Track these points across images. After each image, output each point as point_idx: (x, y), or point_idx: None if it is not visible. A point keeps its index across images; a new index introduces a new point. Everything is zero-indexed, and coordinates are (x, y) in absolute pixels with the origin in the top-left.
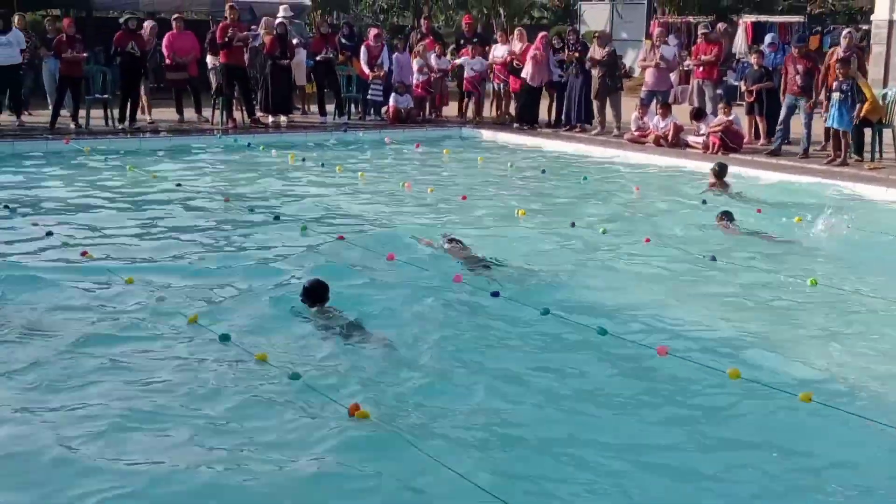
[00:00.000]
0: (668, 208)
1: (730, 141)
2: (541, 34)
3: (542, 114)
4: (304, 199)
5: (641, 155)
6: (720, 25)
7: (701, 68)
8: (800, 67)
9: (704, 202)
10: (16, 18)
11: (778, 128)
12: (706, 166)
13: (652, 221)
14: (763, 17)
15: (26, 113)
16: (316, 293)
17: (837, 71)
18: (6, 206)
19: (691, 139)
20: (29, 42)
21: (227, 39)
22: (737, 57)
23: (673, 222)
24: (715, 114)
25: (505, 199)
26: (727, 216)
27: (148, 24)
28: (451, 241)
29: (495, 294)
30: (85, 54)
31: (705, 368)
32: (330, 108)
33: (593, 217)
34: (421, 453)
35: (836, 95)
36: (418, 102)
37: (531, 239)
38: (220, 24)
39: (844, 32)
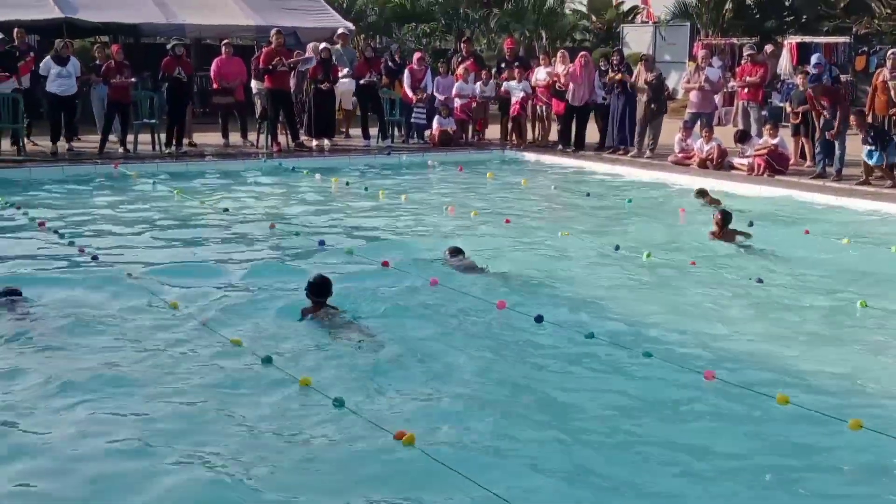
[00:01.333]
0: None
1: (775, 163)
2: (581, 54)
3: (590, 136)
4: (349, 223)
5: (685, 177)
6: (767, 47)
7: (746, 90)
8: (825, 102)
9: (751, 223)
10: (68, 46)
11: (817, 151)
12: (752, 189)
13: (697, 245)
14: (808, 38)
15: (76, 139)
16: (320, 288)
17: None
18: (56, 232)
19: (736, 161)
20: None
21: (271, 65)
22: (782, 78)
23: (719, 245)
24: (760, 136)
25: (549, 222)
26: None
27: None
28: (452, 252)
29: (539, 318)
30: (133, 80)
31: (753, 394)
32: (373, 131)
33: (637, 241)
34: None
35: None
36: (460, 125)
37: (575, 262)
38: (265, 50)
39: (889, 53)
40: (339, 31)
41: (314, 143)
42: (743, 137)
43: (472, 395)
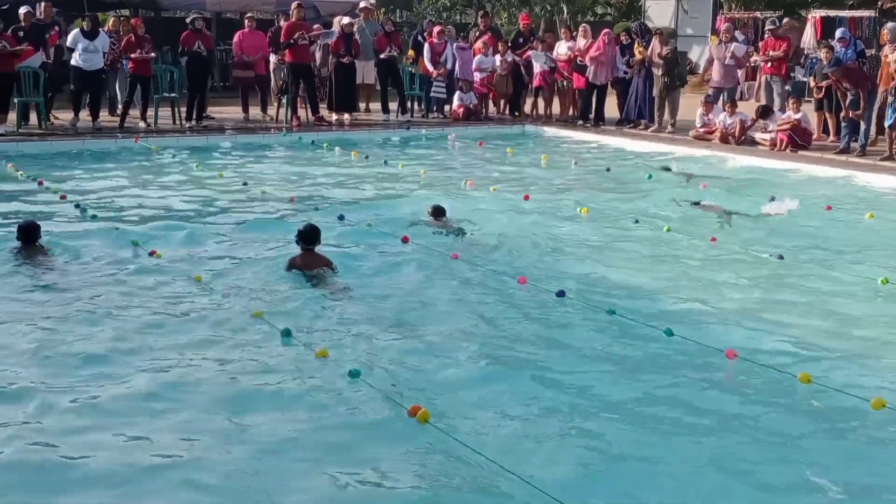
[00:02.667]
0: (733, 207)
1: (798, 138)
2: (604, 31)
3: (612, 111)
4: (368, 197)
5: (707, 152)
6: (786, 21)
7: (769, 64)
8: (847, 84)
9: (773, 198)
10: (110, 20)
11: (844, 125)
12: (774, 164)
13: (718, 220)
14: (832, 12)
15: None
16: (309, 235)
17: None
18: (77, 206)
19: (759, 136)
20: (115, 45)
21: (293, 39)
22: (805, 52)
23: (739, 221)
24: (783, 110)
25: (569, 196)
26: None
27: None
28: (435, 212)
29: (561, 293)
30: (153, 54)
31: (774, 371)
32: (393, 105)
33: (658, 215)
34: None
35: (891, 98)
36: (480, 100)
37: (594, 237)
38: (286, 24)
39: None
40: (361, 4)
41: (334, 117)
42: (765, 113)
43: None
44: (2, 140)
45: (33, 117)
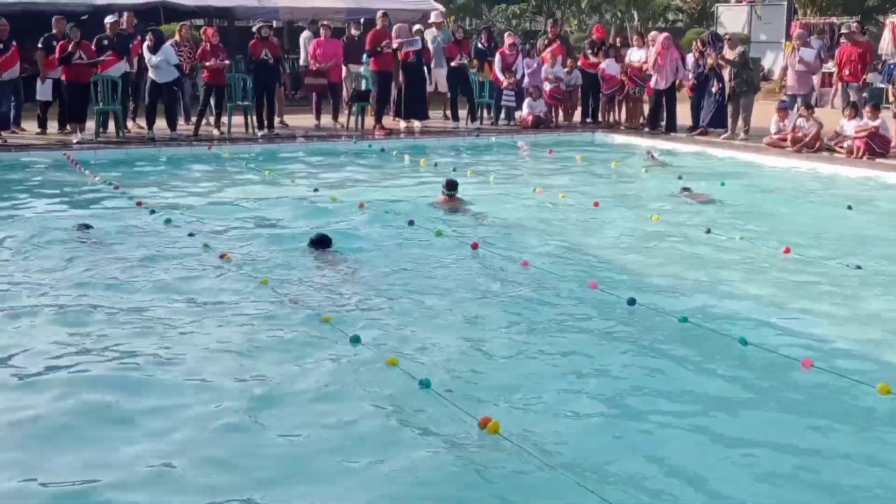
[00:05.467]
0: (809, 214)
1: (876, 146)
2: (662, 35)
3: (684, 119)
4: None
5: (782, 159)
6: (856, 26)
7: (846, 71)
8: None
9: (850, 207)
10: (182, 29)
11: None
12: (850, 171)
13: (792, 228)
14: None
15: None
16: (322, 242)
17: None
18: (153, 212)
19: (835, 143)
20: (189, 54)
21: (379, 48)
22: (883, 58)
23: (814, 229)
24: (860, 117)
25: (639, 204)
26: (686, 189)
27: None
28: (448, 185)
29: (631, 301)
30: (227, 62)
31: (852, 382)
32: (462, 113)
33: (730, 223)
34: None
35: None
36: (549, 108)
37: (666, 245)
38: (371, 32)
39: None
40: (433, 14)
41: (403, 124)
42: (854, 111)
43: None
44: (81, 147)
45: (111, 125)
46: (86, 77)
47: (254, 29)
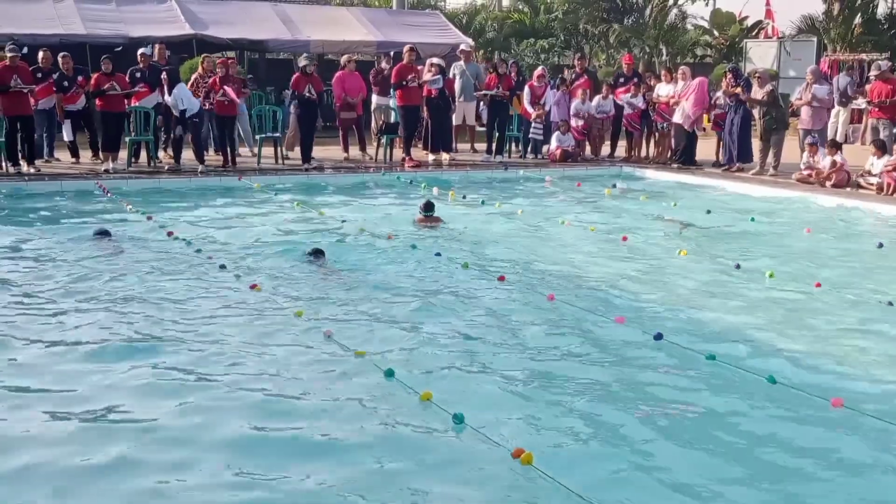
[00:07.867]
0: (839, 252)
1: None
2: (698, 81)
3: (709, 153)
4: (464, 236)
5: (811, 195)
6: (887, 64)
7: (877, 108)
8: None
9: (881, 245)
10: (204, 62)
11: None
12: (880, 208)
13: (823, 265)
14: None
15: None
16: (320, 252)
17: None
18: (184, 240)
19: (863, 181)
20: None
21: (404, 82)
22: None
23: (845, 266)
24: (891, 154)
25: (667, 239)
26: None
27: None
28: (425, 207)
29: (658, 337)
30: (238, 98)
31: (887, 425)
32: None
33: (760, 259)
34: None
35: None
36: (577, 142)
37: (693, 280)
38: (397, 66)
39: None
40: (462, 47)
41: (431, 157)
42: (882, 149)
43: (599, 422)
44: (114, 177)
45: (143, 155)
46: (120, 107)
47: (300, 65)
